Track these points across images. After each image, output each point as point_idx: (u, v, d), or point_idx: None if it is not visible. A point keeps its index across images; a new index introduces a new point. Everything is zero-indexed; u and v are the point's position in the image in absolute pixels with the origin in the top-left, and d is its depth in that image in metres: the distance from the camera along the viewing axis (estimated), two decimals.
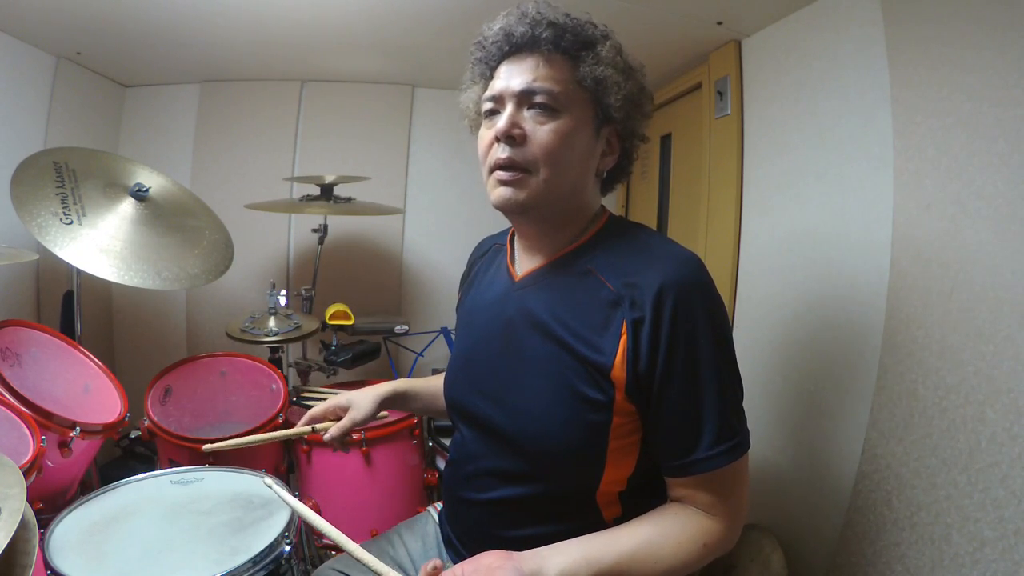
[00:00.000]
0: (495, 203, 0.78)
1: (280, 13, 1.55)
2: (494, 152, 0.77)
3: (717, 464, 0.71)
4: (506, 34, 0.78)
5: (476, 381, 0.86)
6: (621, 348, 0.72)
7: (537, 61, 0.76)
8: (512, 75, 0.77)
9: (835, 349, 1.18)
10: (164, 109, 2.16)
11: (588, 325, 0.75)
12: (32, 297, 1.77)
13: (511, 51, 0.79)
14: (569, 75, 0.77)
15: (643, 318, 0.71)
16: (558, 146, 0.75)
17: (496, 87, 0.78)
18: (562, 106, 0.75)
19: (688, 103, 1.85)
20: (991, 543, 0.84)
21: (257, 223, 2.07)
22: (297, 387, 1.72)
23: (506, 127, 0.75)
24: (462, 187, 2.30)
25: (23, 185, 1.34)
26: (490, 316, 0.87)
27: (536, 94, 0.75)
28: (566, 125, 0.75)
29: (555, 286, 0.80)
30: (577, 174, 0.79)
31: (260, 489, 1.14)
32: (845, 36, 1.19)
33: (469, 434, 0.88)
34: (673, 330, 0.71)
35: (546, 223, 0.82)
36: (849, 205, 1.17)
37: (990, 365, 0.87)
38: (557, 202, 0.78)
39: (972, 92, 0.92)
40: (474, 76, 0.86)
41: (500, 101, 0.78)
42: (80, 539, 0.96)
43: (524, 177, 0.76)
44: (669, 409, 0.72)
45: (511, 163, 0.75)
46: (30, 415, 1.06)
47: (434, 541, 0.98)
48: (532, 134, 0.75)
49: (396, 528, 1.03)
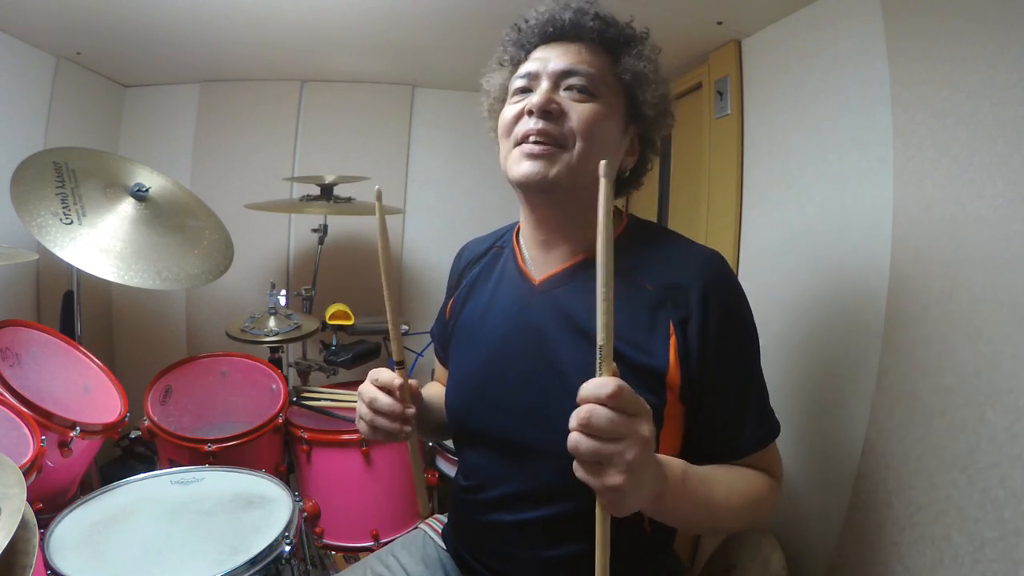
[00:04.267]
0: (518, 177, 0.74)
1: (280, 13, 1.55)
2: (522, 125, 0.74)
3: (762, 444, 0.76)
4: (551, 18, 0.77)
5: (500, 401, 0.79)
6: (672, 350, 0.71)
7: (580, 47, 0.76)
8: (552, 57, 0.76)
9: (835, 349, 1.18)
10: (164, 109, 2.16)
11: (634, 327, 0.72)
12: (32, 297, 1.77)
13: (553, 35, 0.78)
14: (608, 66, 0.76)
15: (689, 317, 0.71)
16: (596, 123, 0.73)
17: (532, 66, 0.77)
18: (598, 92, 0.74)
19: (688, 103, 1.85)
20: (991, 543, 0.84)
21: (257, 223, 2.07)
22: (297, 387, 1.72)
23: (542, 100, 0.72)
24: (462, 187, 2.30)
25: (23, 185, 1.34)
26: (508, 327, 0.80)
27: (576, 75, 0.74)
28: (600, 109, 0.74)
29: (585, 288, 0.70)
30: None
31: (260, 489, 1.14)
32: (845, 36, 1.19)
33: (491, 457, 0.81)
34: (721, 327, 0.72)
35: (569, 209, 0.77)
36: (849, 205, 1.17)
37: (990, 365, 0.86)
38: (585, 186, 0.72)
39: (972, 92, 0.91)
40: (502, 59, 0.83)
41: (535, 78, 0.76)
42: (80, 539, 0.96)
43: (557, 152, 0.73)
44: (720, 401, 0.73)
45: (545, 134, 0.72)
46: (30, 415, 1.06)
47: (436, 562, 0.92)
48: (569, 110, 0.73)
49: (390, 547, 0.96)
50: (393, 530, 1.47)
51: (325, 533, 1.48)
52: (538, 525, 0.77)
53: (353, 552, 1.47)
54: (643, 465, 0.55)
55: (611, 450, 0.54)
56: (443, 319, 0.97)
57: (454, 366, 0.90)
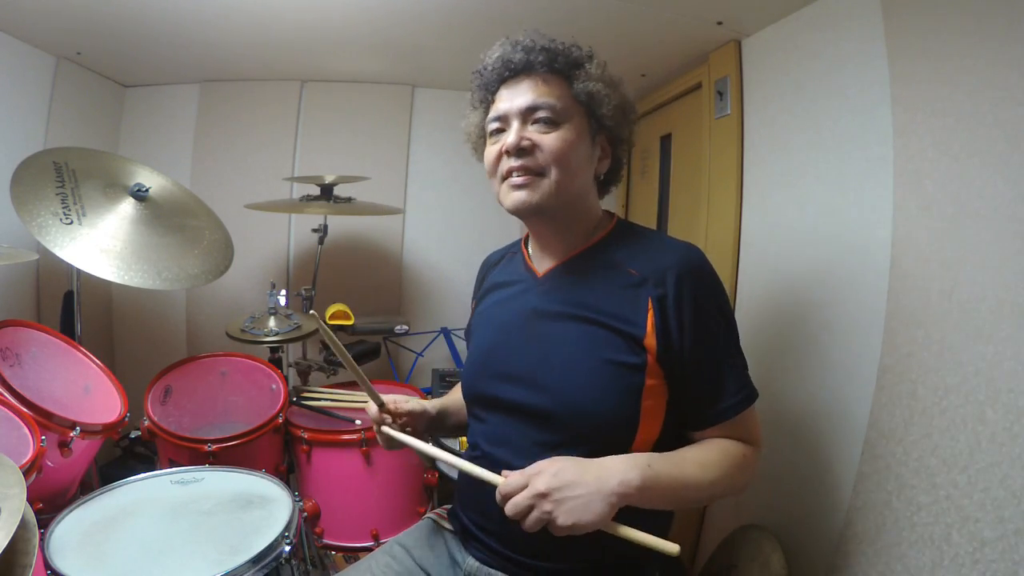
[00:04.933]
0: (510, 207, 0.88)
1: (280, 13, 1.55)
2: (504, 163, 0.87)
3: (739, 409, 0.85)
4: (504, 61, 0.89)
5: (500, 367, 0.91)
6: (650, 320, 0.83)
7: (535, 81, 0.87)
8: (515, 96, 0.87)
9: (835, 349, 1.18)
10: (164, 109, 2.16)
11: (617, 305, 0.85)
12: (32, 297, 1.77)
13: (510, 76, 0.89)
14: (565, 91, 0.87)
15: (666, 295, 0.83)
16: (565, 150, 0.85)
17: (500, 108, 0.89)
18: (562, 118, 0.86)
19: (688, 103, 1.85)
20: (991, 543, 0.84)
21: (257, 223, 2.07)
22: (297, 387, 1.72)
23: (516, 140, 0.84)
24: (462, 187, 2.30)
25: (23, 185, 1.34)
26: (511, 309, 0.95)
27: (539, 109, 0.85)
28: (568, 133, 0.86)
29: (579, 278, 0.90)
30: (581, 177, 0.89)
31: (260, 489, 1.14)
32: (845, 36, 1.19)
33: (495, 420, 0.92)
34: (694, 303, 0.83)
35: (558, 222, 0.92)
36: (849, 205, 1.17)
37: (990, 365, 0.87)
38: (567, 202, 0.88)
39: (972, 92, 0.92)
40: (474, 102, 0.97)
41: (505, 120, 0.88)
42: (80, 539, 0.96)
43: (536, 180, 0.85)
44: (697, 368, 0.84)
45: (524, 168, 0.85)
46: (30, 415, 1.06)
47: (443, 545, 0.97)
48: (540, 143, 0.85)
49: (395, 539, 1.01)
50: (393, 530, 1.46)
51: (325, 533, 1.48)
52: None
53: (353, 552, 1.47)
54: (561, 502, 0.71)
55: (533, 516, 0.72)
56: (469, 318, 1.11)
57: (470, 350, 1.04)
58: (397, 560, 0.94)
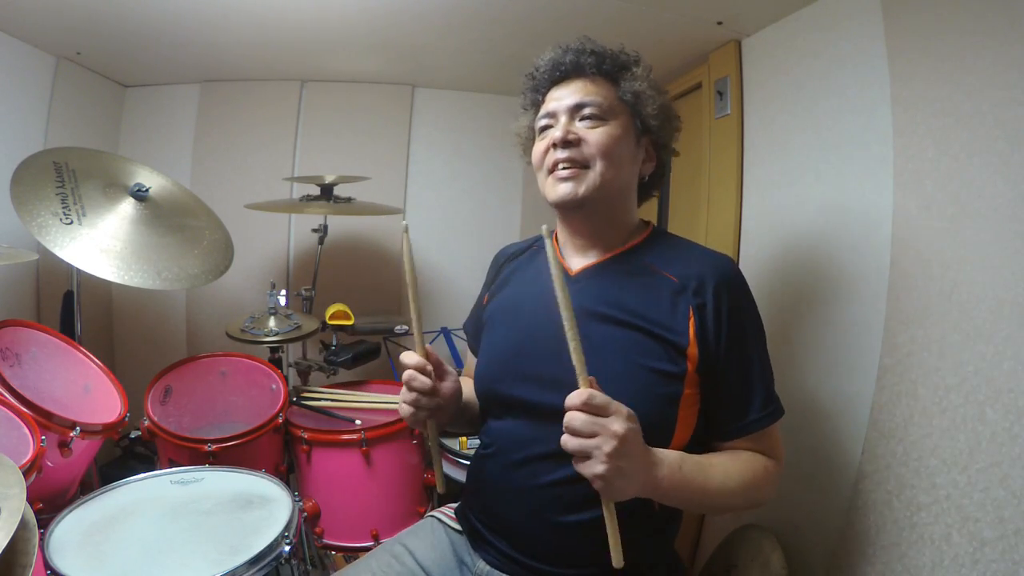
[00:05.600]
0: (556, 199, 0.89)
1: (280, 13, 1.55)
2: (551, 156, 0.89)
3: (765, 424, 0.85)
4: (555, 64, 0.93)
5: (529, 368, 0.89)
6: (692, 329, 0.83)
7: (584, 82, 0.91)
8: (564, 95, 0.91)
9: (835, 349, 1.18)
10: (164, 109, 2.16)
11: (657, 310, 0.85)
12: (32, 297, 1.77)
13: (560, 77, 0.93)
14: (611, 92, 0.91)
15: (705, 304, 0.84)
16: (610, 144, 0.87)
17: (550, 106, 0.92)
18: (608, 115, 0.89)
19: (688, 103, 1.85)
20: (991, 543, 0.84)
21: (257, 223, 2.06)
22: (297, 387, 1.72)
23: (563, 134, 0.87)
24: (462, 187, 2.30)
25: (23, 185, 1.34)
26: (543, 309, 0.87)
27: (586, 106, 0.89)
28: (614, 130, 0.88)
29: (616, 279, 0.90)
30: (625, 174, 0.91)
31: (260, 489, 1.14)
32: (845, 36, 1.19)
33: (514, 423, 0.90)
34: (731, 314, 0.84)
35: (599, 219, 0.92)
36: (849, 205, 1.17)
37: (990, 365, 0.87)
38: (609, 198, 0.90)
39: (972, 92, 0.92)
40: (525, 104, 1.00)
41: (554, 116, 0.91)
42: (80, 539, 0.96)
43: (582, 172, 0.87)
44: (729, 380, 0.84)
45: (569, 160, 0.87)
46: (30, 415, 1.05)
47: (447, 545, 0.95)
48: (586, 136, 0.87)
49: (397, 538, 1.00)
50: (393, 530, 1.46)
51: (325, 533, 1.48)
52: (556, 488, 0.83)
53: (353, 552, 1.47)
54: (621, 455, 0.68)
55: (590, 445, 0.68)
56: (479, 309, 1.08)
57: (486, 345, 1.00)
58: (398, 560, 0.94)
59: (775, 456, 0.88)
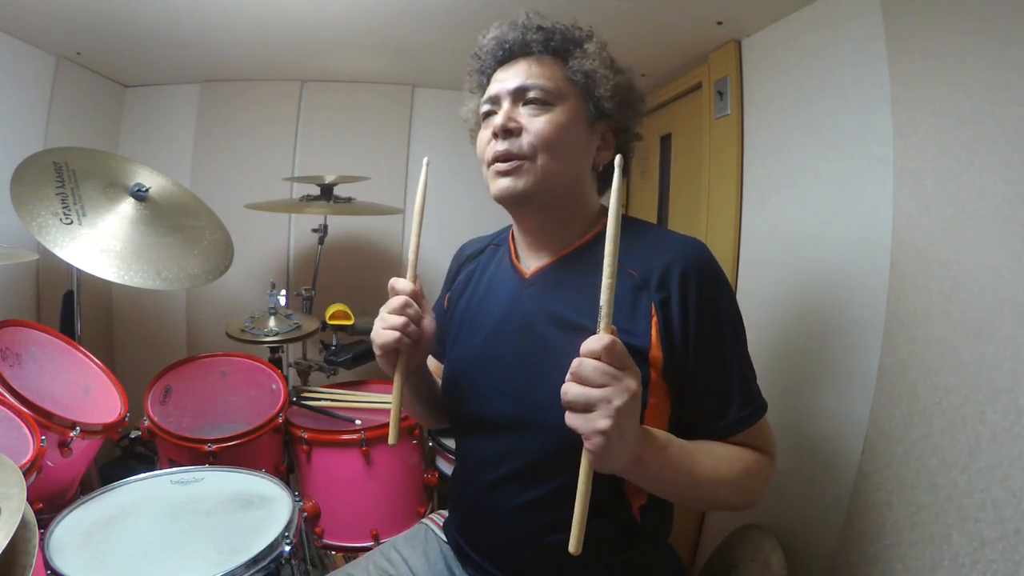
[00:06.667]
0: (495, 195, 0.81)
1: (280, 13, 1.55)
2: (492, 147, 0.81)
3: (746, 425, 0.77)
4: (499, 42, 0.84)
5: (492, 383, 0.83)
6: (654, 328, 0.75)
7: (529, 63, 0.82)
8: (507, 77, 0.82)
9: (835, 349, 1.18)
10: (164, 109, 2.16)
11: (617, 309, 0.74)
12: (32, 297, 1.77)
13: (505, 57, 0.84)
14: (560, 72, 0.81)
15: (669, 297, 0.76)
16: (553, 134, 0.78)
17: (492, 90, 0.83)
18: (555, 99, 0.80)
19: (688, 103, 1.85)
20: (991, 543, 0.84)
21: (257, 223, 2.06)
22: (297, 387, 1.72)
23: (502, 121, 0.79)
24: (462, 187, 2.30)
25: (23, 185, 1.34)
26: (500, 316, 0.86)
27: (530, 90, 0.80)
28: (560, 116, 0.79)
29: (572, 279, 0.82)
30: (574, 165, 0.82)
31: (260, 489, 1.14)
32: (845, 36, 1.19)
33: (486, 440, 0.85)
34: (700, 305, 0.76)
35: (548, 215, 0.84)
36: (849, 205, 1.17)
37: (990, 365, 0.86)
38: (556, 191, 0.81)
39: (972, 92, 0.91)
40: (472, 86, 0.91)
41: (496, 102, 0.82)
42: (80, 539, 0.96)
43: (522, 165, 0.79)
44: (702, 379, 0.76)
45: (508, 155, 0.79)
46: (30, 415, 1.05)
47: (439, 555, 0.94)
48: (528, 125, 0.79)
49: (392, 542, 0.99)
50: (393, 530, 1.47)
51: (325, 533, 1.48)
52: (534, 508, 0.79)
53: (353, 552, 1.47)
54: (627, 413, 0.59)
55: (599, 395, 0.59)
56: (440, 311, 1.00)
57: (450, 357, 0.93)
58: (393, 565, 0.93)
59: (767, 451, 0.81)
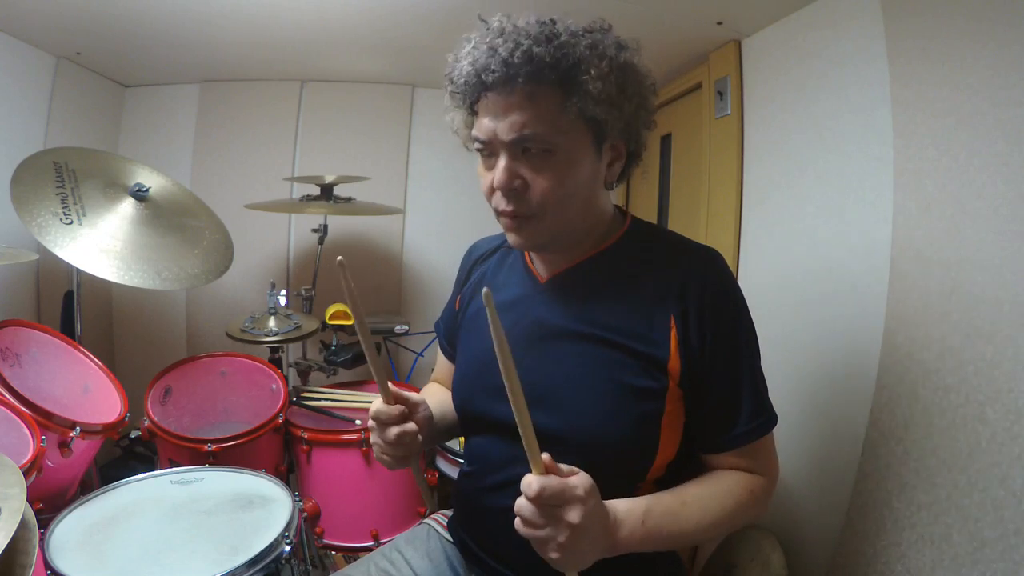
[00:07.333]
0: (510, 245, 0.82)
1: (280, 13, 1.55)
2: (496, 199, 0.76)
3: (756, 436, 0.77)
4: (478, 72, 0.71)
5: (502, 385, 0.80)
6: (673, 341, 0.75)
7: (521, 103, 0.70)
8: (498, 117, 0.71)
9: (835, 349, 1.18)
10: (164, 109, 2.16)
11: (634, 323, 0.76)
12: (32, 297, 1.77)
13: (488, 87, 0.72)
14: (557, 107, 0.70)
15: (688, 310, 0.75)
16: (559, 190, 0.73)
17: (484, 127, 0.73)
18: (557, 142, 0.71)
19: (688, 103, 1.85)
20: (991, 543, 0.84)
21: (257, 223, 2.07)
22: (297, 387, 1.72)
23: (506, 181, 0.72)
24: (462, 187, 2.30)
25: (23, 185, 1.34)
26: (512, 319, 0.83)
27: (527, 140, 0.71)
28: (565, 161, 0.72)
29: (589, 287, 0.81)
30: (585, 198, 0.77)
31: (260, 489, 1.14)
32: (845, 36, 1.19)
33: (492, 441, 0.84)
34: (717, 319, 0.75)
35: (564, 243, 0.81)
36: (849, 205, 1.17)
37: (990, 365, 0.86)
38: (570, 229, 0.79)
39: (972, 92, 0.91)
40: (455, 102, 0.80)
41: (490, 146, 0.74)
42: (80, 539, 0.96)
43: (531, 219, 0.75)
44: (715, 390, 0.76)
45: (514, 214, 0.75)
46: (30, 415, 1.06)
47: (442, 556, 0.93)
48: (532, 182, 0.73)
49: (394, 543, 0.98)
50: (393, 530, 1.47)
51: (325, 533, 1.48)
52: None
53: (353, 552, 1.47)
54: (576, 541, 0.62)
55: (543, 535, 0.62)
56: (451, 313, 1.00)
57: (460, 358, 0.94)
58: (395, 566, 0.92)
59: (766, 472, 0.80)
